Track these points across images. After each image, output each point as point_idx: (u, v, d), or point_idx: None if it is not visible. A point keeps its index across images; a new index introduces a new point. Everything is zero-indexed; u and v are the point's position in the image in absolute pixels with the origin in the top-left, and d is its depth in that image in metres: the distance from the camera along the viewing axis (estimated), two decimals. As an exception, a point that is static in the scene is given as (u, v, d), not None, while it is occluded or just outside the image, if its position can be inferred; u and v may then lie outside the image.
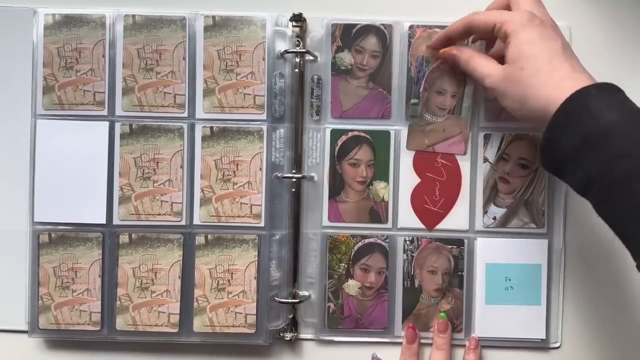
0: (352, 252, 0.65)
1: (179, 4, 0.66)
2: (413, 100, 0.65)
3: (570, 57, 0.53)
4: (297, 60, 0.65)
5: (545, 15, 0.56)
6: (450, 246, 0.65)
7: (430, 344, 0.65)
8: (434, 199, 0.65)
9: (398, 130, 0.65)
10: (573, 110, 0.48)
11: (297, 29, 0.65)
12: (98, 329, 0.65)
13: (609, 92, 0.49)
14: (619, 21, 0.66)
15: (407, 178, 0.65)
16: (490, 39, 0.62)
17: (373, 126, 0.65)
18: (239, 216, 0.65)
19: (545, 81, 0.51)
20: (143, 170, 0.65)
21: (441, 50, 0.62)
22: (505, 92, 0.54)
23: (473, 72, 0.58)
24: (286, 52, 0.64)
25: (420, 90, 0.64)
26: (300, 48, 0.65)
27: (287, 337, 0.66)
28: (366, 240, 0.65)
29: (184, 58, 0.65)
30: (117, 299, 0.65)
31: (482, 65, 0.57)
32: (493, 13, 0.57)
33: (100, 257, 0.65)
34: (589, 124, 0.47)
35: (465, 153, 0.65)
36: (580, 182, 0.49)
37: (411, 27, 0.65)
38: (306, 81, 0.65)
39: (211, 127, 0.65)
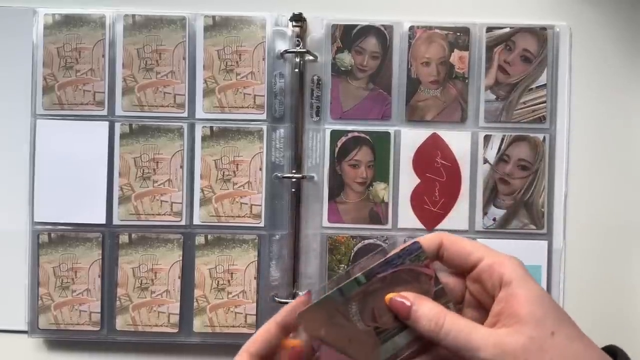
0: (352, 253, 0.65)
1: (179, 4, 0.66)
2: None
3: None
4: (297, 60, 0.65)
5: None
6: (450, 247, 0.65)
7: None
8: (433, 199, 0.65)
9: (398, 131, 0.65)
10: None
11: (297, 29, 0.65)
12: (98, 329, 0.65)
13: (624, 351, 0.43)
14: (619, 21, 0.66)
15: (407, 179, 0.65)
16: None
17: (373, 127, 0.65)
18: (239, 216, 0.65)
19: (584, 352, 0.39)
20: (143, 170, 0.65)
21: (388, 296, 0.42)
22: None
23: (447, 342, 0.39)
24: (286, 52, 0.64)
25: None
26: (300, 48, 0.64)
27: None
28: (366, 241, 0.65)
29: (184, 58, 0.65)
30: (117, 299, 0.65)
31: (467, 331, 0.39)
32: (472, 243, 0.43)
33: (100, 257, 0.65)
34: None
35: None
36: None
37: (411, 27, 0.65)
38: (306, 81, 0.65)
39: (211, 127, 0.65)
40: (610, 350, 0.42)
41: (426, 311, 0.40)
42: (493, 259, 0.41)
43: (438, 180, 0.65)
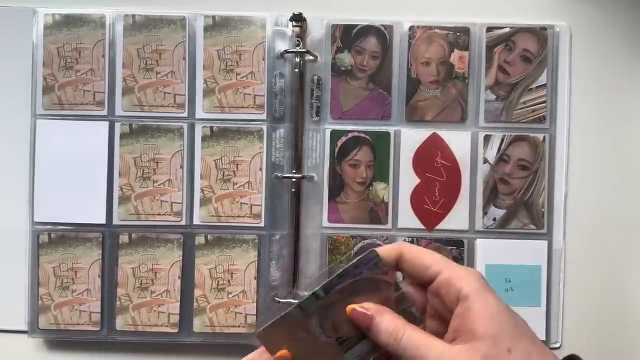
0: (352, 253, 0.65)
1: (179, 4, 0.66)
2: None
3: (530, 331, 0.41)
4: (297, 60, 0.65)
5: None
6: (450, 247, 0.65)
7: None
8: (433, 199, 0.65)
9: (398, 131, 0.65)
10: None
11: (297, 29, 0.65)
12: (98, 329, 0.65)
13: None
14: (619, 21, 0.66)
15: (407, 179, 0.65)
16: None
17: (373, 127, 0.65)
18: (239, 216, 0.65)
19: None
20: (143, 170, 0.65)
21: (349, 307, 0.42)
22: None
23: (404, 356, 0.39)
24: (286, 52, 0.64)
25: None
26: (300, 48, 0.64)
27: (286, 337, 0.66)
28: (366, 241, 0.65)
29: (184, 58, 0.65)
30: (117, 299, 0.65)
31: (424, 346, 0.39)
32: (433, 254, 0.43)
33: (100, 257, 0.65)
34: None
35: None
36: None
37: (411, 27, 0.65)
38: (306, 81, 0.65)
39: (211, 127, 0.65)
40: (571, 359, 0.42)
41: (385, 325, 0.40)
42: (450, 272, 0.41)
43: (438, 180, 0.65)
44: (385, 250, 0.43)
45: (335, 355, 0.42)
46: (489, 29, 0.65)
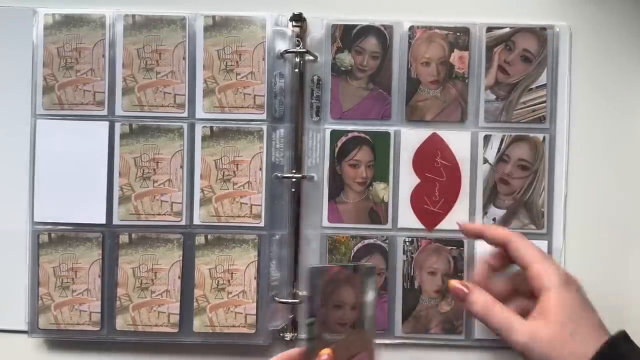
0: (352, 253, 0.65)
1: (179, 4, 0.66)
2: (307, 321, 0.51)
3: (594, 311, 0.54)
4: (297, 60, 0.65)
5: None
6: (450, 247, 0.65)
7: (430, 345, 0.65)
8: (433, 199, 0.65)
9: (398, 131, 0.65)
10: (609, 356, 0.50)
11: (297, 29, 0.65)
12: (98, 329, 0.65)
13: (628, 339, 0.52)
14: (620, 21, 0.66)
15: (407, 179, 0.65)
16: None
17: (373, 127, 0.65)
18: (239, 216, 0.65)
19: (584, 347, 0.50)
20: (143, 170, 0.65)
21: (451, 281, 0.57)
22: (543, 352, 0.51)
23: (491, 324, 0.54)
24: (286, 52, 0.64)
25: (317, 306, 0.51)
26: (300, 48, 0.64)
27: (287, 337, 0.66)
28: (366, 241, 0.65)
29: (184, 58, 0.65)
30: (117, 299, 0.65)
31: (508, 319, 0.53)
32: (533, 250, 0.56)
33: (100, 257, 0.65)
34: None
35: None
36: None
37: (411, 27, 0.65)
38: (306, 81, 0.65)
39: (211, 127, 0.65)
40: (616, 337, 0.52)
41: (478, 298, 0.55)
42: (540, 266, 0.54)
43: (438, 180, 0.65)
44: (495, 233, 0.58)
45: (361, 335, 0.55)
46: (489, 29, 0.65)
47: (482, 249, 0.62)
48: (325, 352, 0.50)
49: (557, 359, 0.50)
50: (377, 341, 0.58)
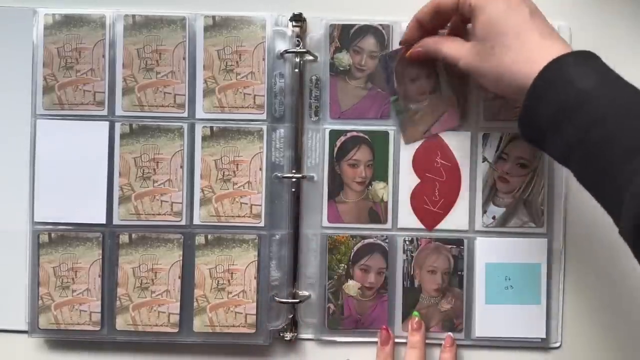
0: (352, 253, 0.65)
1: (179, 4, 0.66)
2: (392, 98, 0.65)
3: (539, 25, 0.52)
4: (297, 60, 0.65)
5: None
6: (450, 246, 0.65)
7: (430, 343, 0.65)
8: (433, 199, 0.65)
9: (397, 130, 0.65)
10: (550, 78, 0.48)
11: (297, 29, 0.65)
12: (98, 329, 0.65)
13: (586, 59, 0.49)
14: (620, 21, 0.66)
15: (407, 178, 0.65)
16: (460, 21, 0.60)
17: (372, 126, 0.65)
18: (239, 216, 0.65)
19: (516, 57, 0.50)
20: (143, 170, 0.65)
21: (407, 54, 0.62)
22: (479, 70, 0.54)
23: (445, 59, 0.58)
24: (286, 52, 0.65)
25: (395, 85, 0.64)
26: (300, 48, 0.65)
27: (287, 337, 0.66)
28: (366, 241, 0.65)
29: (184, 58, 0.65)
30: (117, 299, 0.65)
31: (451, 49, 0.57)
32: None
33: (100, 257, 0.65)
34: (567, 91, 0.47)
35: (460, 124, 0.65)
36: (560, 150, 0.49)
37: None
38: (305, 81, 0.65)
39: (211, 127, 0.65)
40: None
41: (427, 40, 0.61)
42: None
43: (438, 180, 0.65)
44: None
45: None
46: (488, 28, 0.65)
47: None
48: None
49: (501, 76, 0.51)
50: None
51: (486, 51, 0.52)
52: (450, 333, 0.65)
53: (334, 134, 0.65)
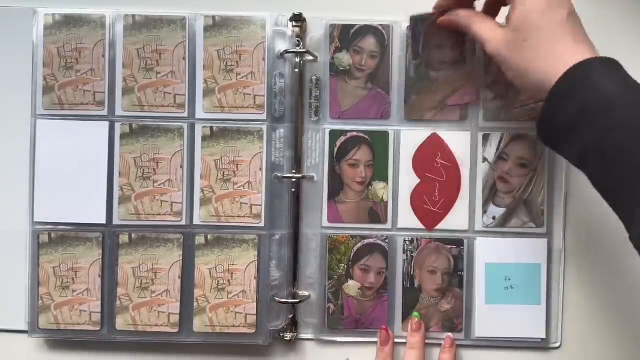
0: (352, 253, 0.65)
1: (179, 4, 0.66)
2: (415, 61, 0.64)
3: (574, 28, 0.52)
4: (297, 60, 0.65)
5: None
6: (450, 246, 0.65)
7: (430, 343, 0.65)
8: (433, 199, 0.65)
9: (397, 130, 0.65)
10: (575, 80, 0.48)
11: (297, 29, 0.65)
12: (98, 329, 0.65)
13: (611, 65, 0.49)
14: (620, 20, 0.66)
15: (407, 178, 0.65)
16: (496, 2, 0.60)
17: (372, 127, 0.65)
18: (239, 216, 0.65)
19: (546, 55, 0.51)
20: (143, 170, 0.65)
21: (439, 20, 0.61)
22: (506, 60, 0.53)
23: (474, 37, 0.57)
24: (286, 52, 0.65)
25: (420, 50, 0.64)
26: (300, 48, 0.65)
27: (287, 337, 0.66)
28: (366, 241, 0.65)
29: (184, 58, 0.65)
30: (117, 299, 0.65)
31: (483, 30, 0.56)
32: None
33: (100, 257, 0.65)
34: (591, 94, 0.47)
35: (478, 101, 0.65)
36: (576, 152, 0.49)
37: (409, 27, 0.65)
38: (305, 82, 0.65)
39: (211, 127, 0.65)
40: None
41: (460, 11, 0.59)
42: None
43: (438, 180, 0.65)
44: None
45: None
46: (488, 28, 0.65)
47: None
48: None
49: (526, 69, 0.52)
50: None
51: (518, 42, 0.52)
52: (450, 334, 0.65)
53: (334, 134, 0.65)
